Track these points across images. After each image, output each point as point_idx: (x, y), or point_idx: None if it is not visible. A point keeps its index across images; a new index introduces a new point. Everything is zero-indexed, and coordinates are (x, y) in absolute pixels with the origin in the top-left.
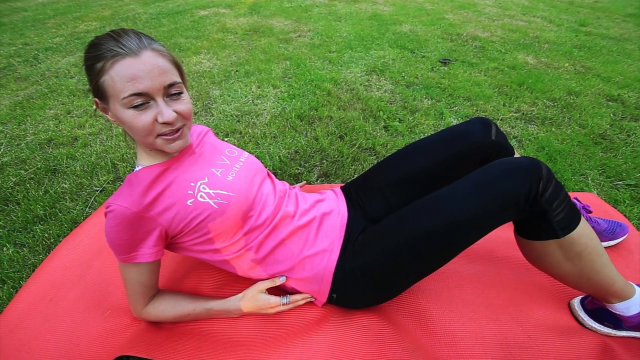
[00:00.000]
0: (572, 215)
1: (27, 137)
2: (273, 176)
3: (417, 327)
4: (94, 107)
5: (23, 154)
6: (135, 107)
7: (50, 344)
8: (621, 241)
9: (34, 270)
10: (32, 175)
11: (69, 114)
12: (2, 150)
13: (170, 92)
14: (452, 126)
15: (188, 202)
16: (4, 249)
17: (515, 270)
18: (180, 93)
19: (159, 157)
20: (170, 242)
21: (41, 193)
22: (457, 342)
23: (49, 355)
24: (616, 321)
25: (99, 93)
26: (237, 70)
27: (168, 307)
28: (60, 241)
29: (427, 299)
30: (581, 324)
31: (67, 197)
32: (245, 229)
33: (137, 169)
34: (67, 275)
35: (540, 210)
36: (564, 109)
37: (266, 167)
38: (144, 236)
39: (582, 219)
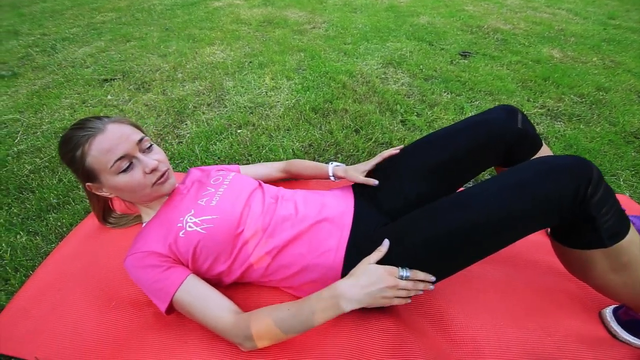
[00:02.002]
0: (621, 223)
1: (43, 125)
2: (265, 185)
3: (437, 332)
4: (89, 191)
5: (39, 142)
6: (123, 171)
7: (55, 334)
8: None
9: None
10: (47, 164)
11: (84, 103)
12: (18, 138)
13: (144, 148)
14: (474, 115)
15: (180, 234)
16: (18, 236)
17: (542, 276)
18: (151, 145)
19: (156, 207)
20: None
21: (55, 181)
22: (481, 350)
23: (52, 345)
24: None
25: (89, 176)
26: (250, 62)
27: (266, 312)
28: (72, 230)
29: (448, 303)
30: (613, 335)
31: (79, 187)
32: (239, 243)
33: (143, 225)
34: (76, 265)
35: (587, 217)
36: (593, 106)
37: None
38: (165, 263)
39: (632, 227)
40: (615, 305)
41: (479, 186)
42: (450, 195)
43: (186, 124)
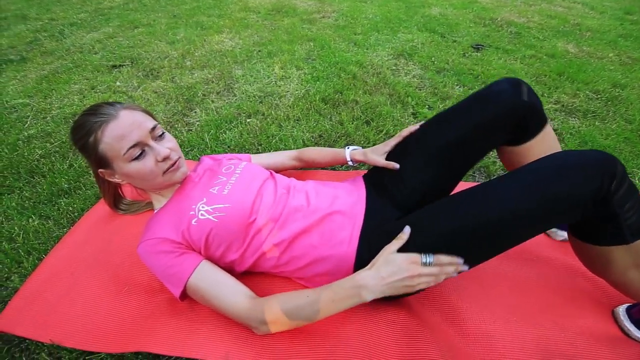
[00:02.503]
0: None
1: (53, 110)
2: (277, 176)
3: (449, 326)
4: (101, 178)
5: (49, 127)
6: (136, 158)
7: (69, 317)
8: None
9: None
10: (57, 149)
11: (92, 89)
12: (28, 123)
13: (156, 135)
14: (475, 91)
15: (192, 222)
16: (30, 220)
17: (556, 273)
18: (163, 133)
19: (168, 194)
20: None
21: (66, 167)
22: (494, 344)
23: (66, 328)
24: None
25: (102, 162)
26: (259, 50)
27: (283, 298)
28: (84, 215)
29: (460, 298)
30: (626, 334)
31: (90, 172)
32: (252, 232)
33: (155, 212)
34: (88, 250)
35: (610, 213)
36: (609, 102)
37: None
38: (179, 249)
39: None
40: (630, 304)
41: (499, 181)
42: (471, 188)
43: (195, 112)
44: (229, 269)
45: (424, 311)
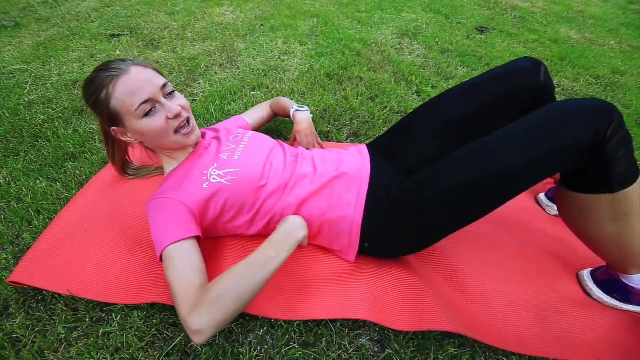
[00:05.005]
0: (632, 170)
1: (52, 77)
2: (285, 145)
3: (449, 285)
4: (113, 137)
5: (49, 93)
6: (147, 115)
7: (85, 271)
8: None
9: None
10: (60, 114)
11: (92, 57)
12: (28, 88)
13: (167, 92)
14: (499, 66)
15: (204, 185)
16: (37, 182)
17: (549, 243)
18: (174, 91)
19: (179, 157)
20: (210, 227)
21: (70, 132)
22: (491, 302)
23: (80, 282)
24: (626, 294)
25: (113, 119)
26: (262, 25)
27: (221, 277)
28: (92, 178)
29: (460, 260)
30: (588, 294)
31: (96, 138)
32: (263, 196)
33: (165, 175)
34: (98, 210)
35: (602, 160)
36: (607, 88)
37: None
38: (180, 216)
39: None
40: (593, 268)
41: (501, 132)
42: (473, 142)
43: (199, 83)
44: (240, 233)
45: (425, 272)
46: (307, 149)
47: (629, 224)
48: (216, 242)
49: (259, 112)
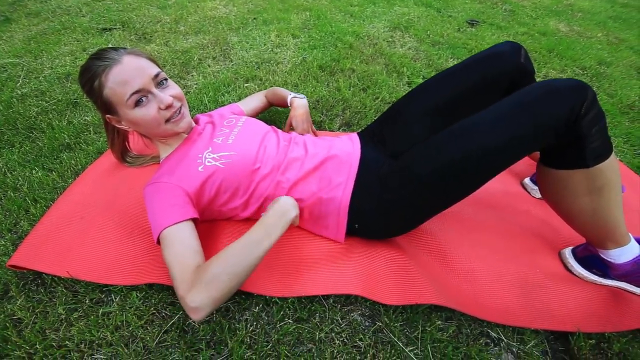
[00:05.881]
0: (605, 146)
1: (45, 71)
2: (278, 130)
3: (437, 263)
4: (110, 124)
5: (42, 86)
6: (138, 104)
7: (83, 254)
8: None
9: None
10: (54, 107)
11: (84, 50)
12: (20, 82)
13: (159, 81)
14: (482, 50)
15: (199, 168)
16: (33, 172)
17: (534, 223)
18: (166, 80)
19: (174, 144)
20: (205, 210)
21: (65, 123)
22: (478, 278)
23: (80, 265)
24: (604, 269)
25: (108, 107)
26: (254, 18)
27: (217, 257)
28: (88, 167)
29: (448, 241)
30: (570, 271)
31: (90, 129)
32: (257, 178)
33: (160, 161)
34: (96, 198)
35: (577, 136)
36: (594, 78)
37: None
38: (177, 198)
39: (613, 152)
40: (574, 247)
41: (482, 113)
42: (456, 123)
43: (192, 75)
44: (234, 215)
45: (415, 251)
46: (302, 134)
47: (603, 197)
48: (212, 225)
49: (254, 101)
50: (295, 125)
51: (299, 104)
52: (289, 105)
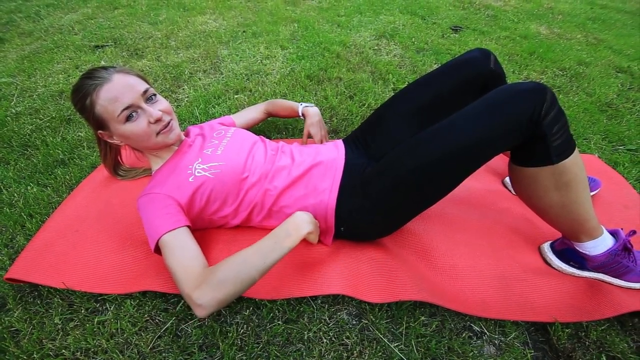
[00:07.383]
0: (568, 143)
1: (38, 89)
2: (266, 140)
3: (422, 262)
4: (102, 139)
5: (36, 104)
6: (129, 119)
7: (78, 266)
8: (594, 195)
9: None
10: (48, 124)
11: (77, 68)
12: (14, 100)
13: (148, 97)
14: (454, 57)
15: (189, 179)
16: (28, 188)
17: (513, 220)
18: (155, 95)
19: (165, 156)
20: (197, 219)
21: (59, 140)
22: (459, 274)
23: (75, 276)
24: (581, 261)
25: (99, 124)
26: (244, 31)
27: (230, 257)
28: (82, 181)
29: (432, 240)
30: (549, 264)
31: (84, 145)
32: (246, 187)
33: (152, 174)
34: (90, 211)
35: (540, 135)
36: (573, 78)
37: (277, 123)
38: (170, 208)
39: (576, 149)
40: (552, 241)
41: (453, 116)
42: (433, 127)
43: (183, 89)
44: (224, 223)
45: (400, 251)
46: (320, 142)
47: (571, 192)
48: (204, 233)
49: (251, 113)
50: (314, 134)
51: (312, 112)
52: (300, 115)
